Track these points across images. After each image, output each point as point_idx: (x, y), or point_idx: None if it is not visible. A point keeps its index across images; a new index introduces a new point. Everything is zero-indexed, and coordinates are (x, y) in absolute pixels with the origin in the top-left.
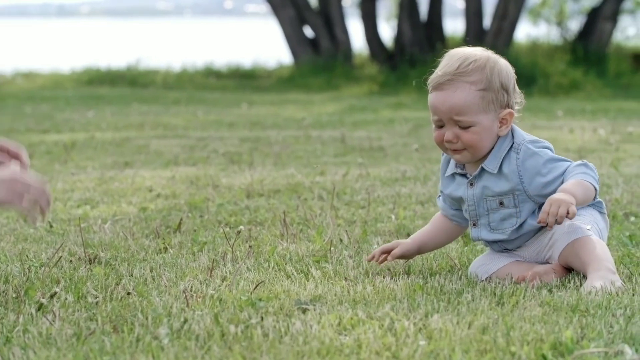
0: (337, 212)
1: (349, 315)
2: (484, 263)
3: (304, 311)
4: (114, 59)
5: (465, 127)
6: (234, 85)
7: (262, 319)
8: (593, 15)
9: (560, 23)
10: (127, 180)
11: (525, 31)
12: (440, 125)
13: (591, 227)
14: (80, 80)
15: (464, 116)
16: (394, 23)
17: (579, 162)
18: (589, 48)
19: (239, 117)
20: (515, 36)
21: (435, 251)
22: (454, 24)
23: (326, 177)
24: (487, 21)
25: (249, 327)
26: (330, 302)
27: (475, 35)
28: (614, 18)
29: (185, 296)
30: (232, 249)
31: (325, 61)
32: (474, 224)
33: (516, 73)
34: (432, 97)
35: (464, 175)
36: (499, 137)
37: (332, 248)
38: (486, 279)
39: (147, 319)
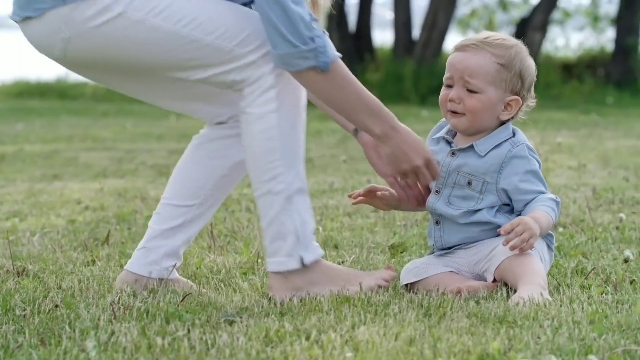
0: None
1: (276, 328)
2: (418, 266)
3: (231, 323)
4: (44, 71)
5: (472, 92)
6: None
7: (188, 331)
8: (522, 26)
9: None
10: (55, 192)
11: (454, 42)
12: (449, 85)
13: (534, 253)
14: (9, 92)
15: (475, 79)
16: None
17: (553, 196)
18: None
19: (168, 129)
20: (445, 47)
21: (363, 262)
22: (382, 35)
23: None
24: (416, 32)
25: (175, 339)
26: (257, 314)
27: (404, 45)
28: (543, 29)
29: (113, 309)
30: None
31: None
32: (437, 191)
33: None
34: (452, 56)
35: (449, 143)
36: (500, 122)
37: (259, 260)
38: (414, 290)
39: (74, 331)
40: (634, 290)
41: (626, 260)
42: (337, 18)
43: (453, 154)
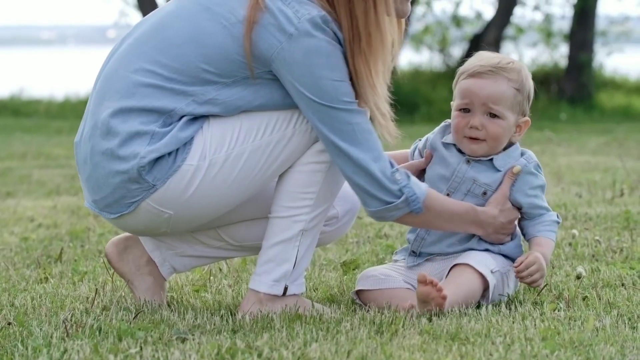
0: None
1: (228, 345)
2: (377, 276)
3: (183, 340)
4: None
5: (494, 118)
6: None
7: (141, 348)
8: (475, 42)
9: (442, 50)
10: (8, 210)
11: (407, 58)
12: (465, 110)
13: (495, 270)
14: None
15: (499, 106)
16: None
17: (556, 216)
18: None
19: None
20: (398, 63)
21: (315, 279)
22: None
23: None
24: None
25: (128, 356)
26: (210, 332)
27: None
28: (496, 45)
29: (65, 326)
30: (112, 278)
31: None
32: (447, 194)
33: (398, 101)
34: (469, 82)
35: (461, 152)
36: (511, 143)
37: (211, 277)
38: (365, 298)
39: (27, 349)
40: (586, 306)
41: (579, 277)
42: None
43: (468, 162)
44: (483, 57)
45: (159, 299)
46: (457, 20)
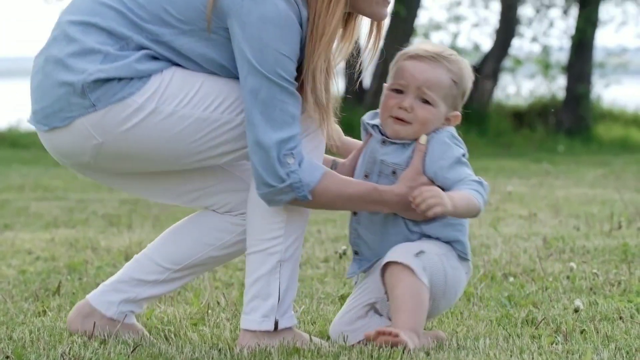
0: (215, 274)
1: None
2: (347, 329)
3: None
4: None
5: (426, 103)
6: None
7: None
8: (473, 74)
9: None
10: (6, 242)
11: None
12: (398, 91)
13: (419, 252)
14: None
15: (433, 92)
16: None
17: (477, 178)
18: (470, 107)
19: None
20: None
21: (312, 313)
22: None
23: None
24: (366, 81)
25: None
26: None
27: (355, 94)
28: (494, 77)
29: None
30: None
31: None
32: (366, 176)
33: None
34: (408, 63)
35: (381, 133)
36: None
37: (209, 311)
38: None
39: None
40: (584, 340)
41: (576, 310)
42: None
43: (384, 142)
44: (427, 44)
45: (139, 334)
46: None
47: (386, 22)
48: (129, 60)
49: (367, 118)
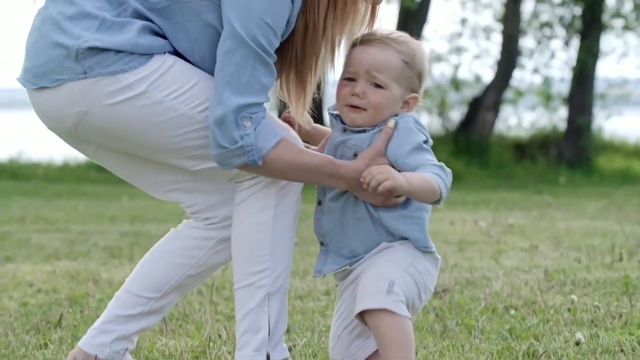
0: (217, 307)
1: None
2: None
3: None
4: None
5: (377, 87)
6: (115, 178)
7: None
8: (475, 106)
9: (442, 113)
10: (7, 275)
11: None
12: (350, 79)
13: (393, 283)
14: None
15: (382, 75)
16: None
17: (439, 163)
18: (471, 138)
19: (120, 210)
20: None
21: (314, 346)
22: None
23: None
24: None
25: None
26: None
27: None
28: (495, 108)
29: None
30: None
31: None
32: None
33: None
34: (356, 50)
35: (342, 122)
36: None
37: (210, 344)
38: None
39: None
40: None
41: (577, 343)
42: None
43: (345, 130)
44: (376, 29)
45: None
46: (456, 84)
47: (381, 7)
48: (131, 35)
49: (332, 108)
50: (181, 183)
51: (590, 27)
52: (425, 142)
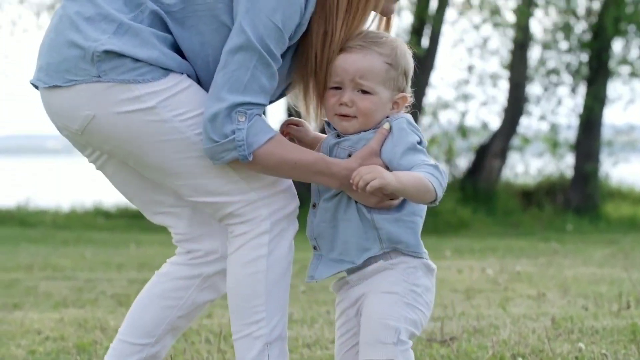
0: (224, 355)
1: None
2: None
3: None
4: (3, 198)
5: (364, 94)
6: (122, 225)
7: None
8: (482, 153)
9: (449, 160)
10: (15, 322)
11: None
12: (337, 88)
13: (399, 330)
14: None
15: (368, 81)
16: None
17: (433, 162)
18: (478, 186)
19: (128, 257)
20: None
21: None
22: None
23: (213, 320)
24: None
25: None
26: None
27: None
28: (502, 155)
29: None
30: None
31: None
32: None
33: None
34: (340, 58)
35: (334, 129)
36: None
37: None
38: None
39: None
40: None
41: None
42: None
43: (338, 135)
44: (359, 34)
45: None
46: (463, 131)
47: (393, 20)
48: (151, 46)
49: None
50: (173, 207)
51: (597, 74)
52: (419, 143)
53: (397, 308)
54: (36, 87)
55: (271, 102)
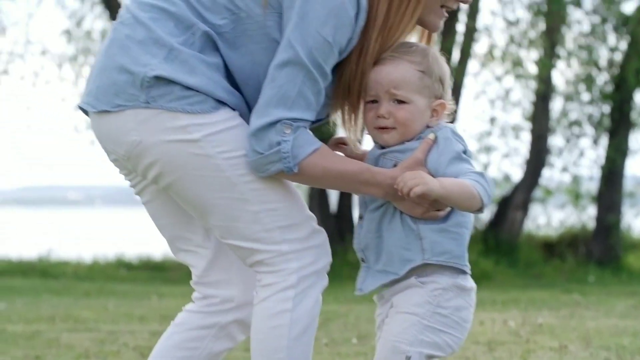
0: None
1: None
2: None
3: None
4: (25, 249)
5: (400, 103)
6: (144, 277)
7: None
8: (504, 205)
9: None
10: None
11: None
12: (373, 101)
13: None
14: None
15: (402, 90)
16: None
17: (479, 171)
18: (501, 237)
19: (150, 309)
20: None
21: None
22: None
23: None
24: None
25: None
26: None
27: None
28: (524, 207)
29: None
30: None
31: None
32: None
33: None
34: (373, 71)
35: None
36: (427, 127)
37: None
38: None
39: None
40: None
41: None
42: (318, 199)
43: (382, 147)
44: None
45: None
46: None
47: (435, 36)
48: (204, 75)
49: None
50: (198, 247)
51: (619, 126)
52: (465, 152)
53: (413, 330)
54: (84, 111)
55: (318, 121)
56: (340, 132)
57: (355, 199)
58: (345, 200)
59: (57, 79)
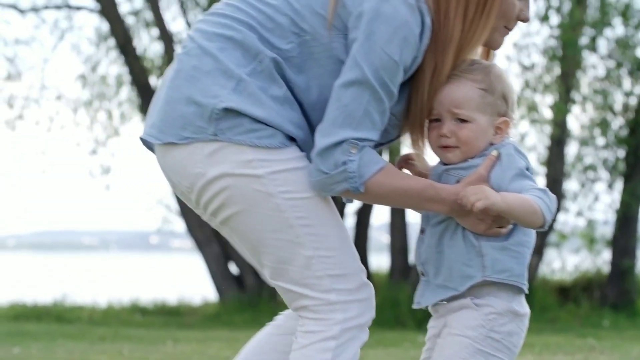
0: None
1: None
2: None
3: None
4: (40, 294)
5: (463, 122)
6: (160, 322)
7: None
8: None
9: None
10: None
11: None
12: (437, 121)
13: None
14: (6, 315)
15: (463, 109)
16: None
17: (542, 187)
18: None
19: (165, 355)
20: None
21: None
22: (379, 259)
23: None
24: (412, 257)
25: None
26: None
27: (400, 270)
28: (539, 252)
29: None
30: None
31: (251, 298)
32: None
33: None
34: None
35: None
36: (491, 144)
37: None
38: None
39: None
40: None
41: None
42: None
43: (445, 164)
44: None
45: None
46: None
47: (495, 54)
48: (274, 109)
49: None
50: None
51: (633, 170)
52: (527, 168)
53: (464, 354)
54: (145, 144)
55: (389, 142)
56: (405, 149)
57: (374, 242)
58: (360, 243)
59: (72, 123)
